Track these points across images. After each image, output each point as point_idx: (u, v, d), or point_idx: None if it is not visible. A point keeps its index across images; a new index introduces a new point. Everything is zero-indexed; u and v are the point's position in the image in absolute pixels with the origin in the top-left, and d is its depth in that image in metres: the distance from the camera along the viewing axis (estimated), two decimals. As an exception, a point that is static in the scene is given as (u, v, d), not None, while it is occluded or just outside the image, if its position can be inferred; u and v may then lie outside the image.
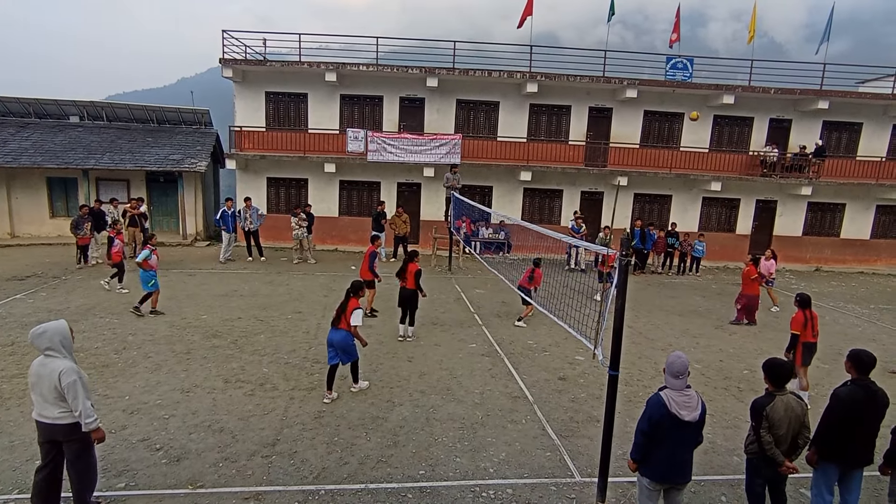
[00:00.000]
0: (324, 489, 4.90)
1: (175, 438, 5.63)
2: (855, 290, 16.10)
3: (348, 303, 6.69)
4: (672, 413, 3.80)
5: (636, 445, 4.02)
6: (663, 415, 3.82)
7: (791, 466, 4.15)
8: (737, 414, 6.89)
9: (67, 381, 3.91)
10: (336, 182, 18.57)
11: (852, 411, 4.24)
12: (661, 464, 3.95)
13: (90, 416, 4.01)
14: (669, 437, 3.87)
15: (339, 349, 6.64)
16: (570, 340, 9.12)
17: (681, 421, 3.81)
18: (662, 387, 4.01)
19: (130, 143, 18.51)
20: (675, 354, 4.02)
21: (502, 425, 6.27)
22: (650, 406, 3.93)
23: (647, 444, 3.93)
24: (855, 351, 4.48)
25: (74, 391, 3.93)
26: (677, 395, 3.88)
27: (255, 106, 18.11)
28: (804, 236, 20.12)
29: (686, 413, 3.82)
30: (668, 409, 3.82)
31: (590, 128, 18.98)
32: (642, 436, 3.94)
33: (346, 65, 17.43)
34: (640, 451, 4.00)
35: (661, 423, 3.83)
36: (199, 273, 13.65)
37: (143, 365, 7.56)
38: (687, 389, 3.92)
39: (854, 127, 19.74)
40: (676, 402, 3.84)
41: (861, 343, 10.32)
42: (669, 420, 3.81)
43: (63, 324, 4.15)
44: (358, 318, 6.65)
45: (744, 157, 19.33)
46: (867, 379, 4.36)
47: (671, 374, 3.92)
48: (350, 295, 6.79)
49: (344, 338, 6.63)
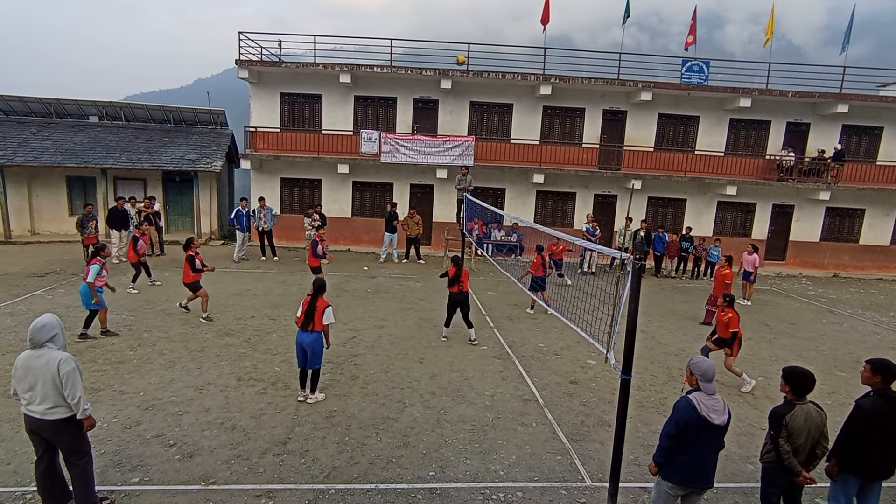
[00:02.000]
0: (334, 488, 4.92)
1: (188, 435, 5.69)
2: (874, 297, 15.81)
3: (317, 303, 6.50)
4: (702, 416, 3.79)
5: (662, 449, 3.98)
6: (693, 417, 3.80)
7: (808, 477, 4.07)
8: (751, 421, 6.80)
9: (67, 370, 4.00)
10: (349, 183, 18.67)
11: (875, 423, 4.14)
12: (684, 467, 3.92)
13: (86, 404, 4.14)
14: (697, 441, 3.85)
15: (310, 353, 6.47)
16: (581, 344, 9.08)
17: (710, 424, 3.80)
18: (690, 391, 4.00)
19: (148, 142, 18.78)
20: (702, 359, 4.06)
21: (513, 428, 6.26)
22: (679, 409, 3.90)
23: (673, 447, 3.91)
24: (882, 361, 4.34)
25: (73, 379, 4.03)
26: (707, 398, 3.87)
27: (269, 107, 18.28)
28: (822, 242, 19.81)
29: (716, 416, 3.82)
30: (698, 412, 3.80)
31: (604, 130, 18.87)
32: (669, 439, 3.91)
33: (361, 66, 17.52)
34: (665, 455, 3.97)
35: (689, 426, 3.82)
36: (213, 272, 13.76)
37: (158, 362, 7.65)
38: (716, 395, 3.94)
39: (874, 131, 19.40)
40: (706, 406, 3.83)
41: (880, 351, 10.16)
42: (699, 423, 3.80)
43: (56, 317, 4.25)
44: (330, 315, 6.52)
45: (760, 160, 19.09)
46: (890, 389, 4.26)
47: (706, 378, 3.92)
48: (318, 295, 6.57)
49: (315, 340, 6.46)
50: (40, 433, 4.13)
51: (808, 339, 10.74)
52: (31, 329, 4.08)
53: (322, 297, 6.58)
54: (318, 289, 6.64)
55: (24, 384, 4.05)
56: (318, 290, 6.61)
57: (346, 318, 10.27)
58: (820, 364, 9.11)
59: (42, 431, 4.11)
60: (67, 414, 4.09)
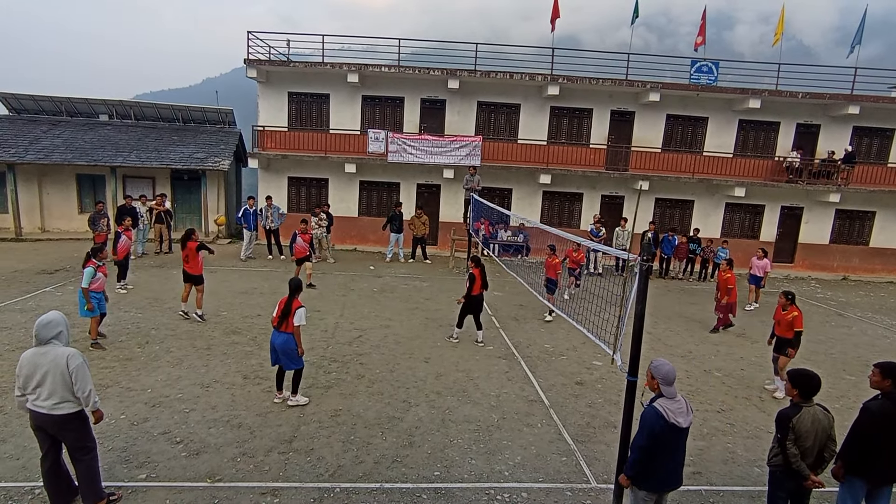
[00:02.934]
0: (339, 487, 4.93)
1: (195, 432, 5.73)
2: (884, 301, 15.65)
3: (292, 304, 6.32)
4: (671, 423, 3.76)
5: (635, 462, 3.91)
6: (662, 426, 3.77)
7: (817, 481, 4.03)
8: (758, 424, 6.76)
9: (76, 364, 4.06)
10: (356, 182, 18.71)
11: (883, 426, 4.11)
12: (659, 474, 3.91)
13: (96, 396, 4.21)
14: (668, 447, 3.84)
15: (280, 353, 6.33)
16: (587, 345, 9.06)
17: (679, 429, 3.80)
18: (654, 398, 3.93)
19: (157, 141, 18.92)
20: (663, 362, 4.00)
21: (518, 429, 6.25)
22: (648, 420, 3.82)
23: (647, 459, 3.85)
24: (892, 364, 4.28)
25: (83, 373, 4.10)
26: (671, 403, 3.84)
27: (277, 106, 18.35)
28: (831, 244, 19.63)
29: (682, 420, 3.81)
30: (666, 420, 3.76)
31: (611, 131, 18.80)
32: (641, 452, 3.85)
33: (368, 66, 17.56)
34: (638, 468, 3.91)
35: (661, 435, 3.78)
36: (220, 270, 13.87)
37: (165, 359, 7.70)
38: (678, 396, 3.93)
39: (886, 133, 19.21)
40: (672, 411, 3.80)
41: (890, 355, 10.04)
42: (669, 430, 3.77)
43: (61, 314, 4.30)
44: (301, 317, 6.31)
45: (769, 162, 18.96)
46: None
47: (666, 382, 3.89)
48: (293, 295, 6.39)
49: (286, 341, 6.29)
50: (46, 429, 4.17)
51: (816, 343, 10.64)
52: (36, 326, 4.12)
53: (297, 297, 6.40)
54: (293, 289, 6.46)
55: (30, 381, 4.08)
56: (293, 291, 6.44)
57: (353, 318, 10.30)
58: (829, 367, 9.04)
59: (48, 427, 4.15)
60: (75, 409, 4.14)
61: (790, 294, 7.89)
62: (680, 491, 5.17)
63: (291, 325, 6.26)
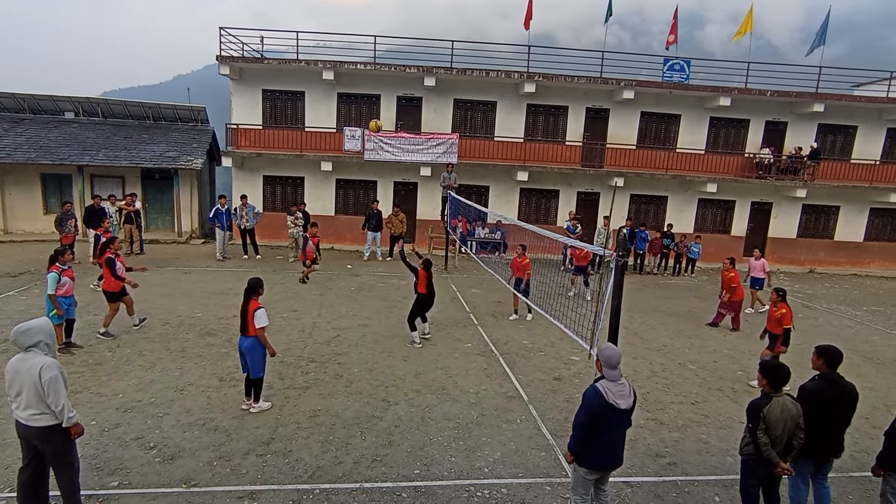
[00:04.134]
0: (318, 488, 4.89)
1: (169, 437, 5.61)
2: (848, 292, 16.19)
3: (249, 305, 6.03)
4: (610, 403, 3.96)
5: (576, 438, 4.13)
6: (601, 405, 3.97)
7: (786, 468, 4.17)
8: (731, 415, 6.92)
9: (48, 377, 3.87)
10: (332, 181, 18.54)
11: (819, 405, 4.33)
12: (598, 453, 4.11)
13: (71, 411, 4.00)
14: (607, 426, 4.03)
15: (247, 358, 6.08)
16: (565, 340, 9.14)
17: (618, 410, 3.97)
18: (597, 379, 4.15)
19: (126, 139, 18.44)
20: (610, 346, 4.20)
21: (497, 425, 6.28)
22: (588, 398, 4.06)
23: (585, 436, 4.06)
24: (825, 346, 4.58)
25: (56, 386, 3.90)
26: (613, 385, 4.04)
27: (251, 103, 18.06)
28: (798, 238, 20.23)
29: (622, 402, 3.99)
30: (605, 399, 3.96)
31: (587, 128, 19.01)
32: (581, 428, 4.07)
33: (344, 63, 17.40)
34: (579, 444, 4.12)
35: (599, 414, 3.98)
36: (194, 271, 13.60)
37: (137, 363, 7.52)
38: (622, 379, 4.11)
39: (849, 130, 19.84)
40: (613, 393, 3.99)
41: (854, 344, 10.42)
42: (608, 410, 3.96)
43: (47, 322, 4.15)
44: (262, 318, 6.01)
45: (739, 158, 19.41)
46: (835, 373, 4.46)
47: (609, 365, 4.09)
48: (250, 296, 6.08)
49: (251, 345, 6.04)
50: (29, 439, 4.04)
51: (785, 334, 10.93)
52: (13, 332, 3.98)
53: (254, 298, 6.07)
54: (248, 289, 6.12)
55: (12, 389, 3.95)
56: (247, 291, 6.12)
57: (330, 317, 10.22)
58: (797, 358, 9.25)
59: (30, 437, 4.02)
60: (52, 421, 3.97)
61: (781, 291, 8.12)
62: (656, 482, 5.29)
63: (252, 328, 6.01)
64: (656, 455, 5.82)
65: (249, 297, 6.10)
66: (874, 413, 7.00)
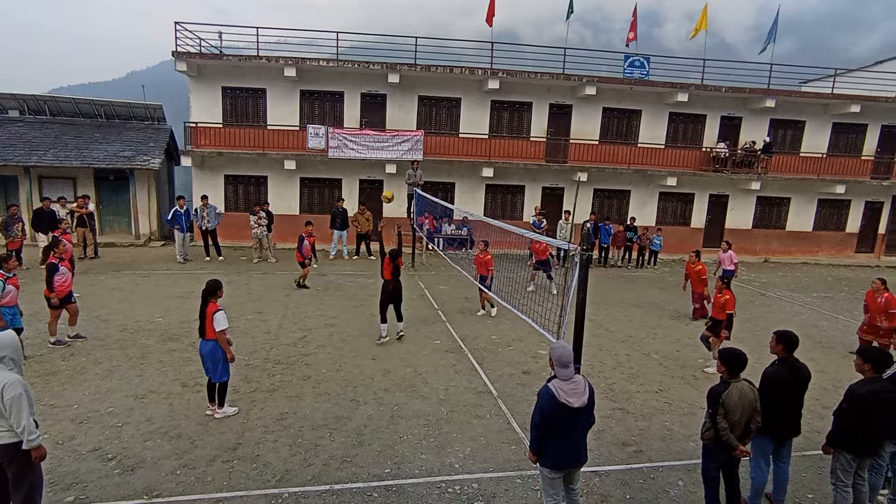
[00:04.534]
0: (287, 492, 4.82)
1: (129, 447, 5.42)
2: (799, 280, 16.92)
3: (207, 308, 5.88)
4: (562, 402, 3.88)
5: (533, 439, 4.09)
6: (554, 405, 3.90)
7: (744, 450, 4.34)
8: (692, 401, 7.13)
9: (11, 395, 3.65)
10: (296, 179, 18.23)
11: (780, 388, 4.56)
12: (557, 452, 4.03)
13: (33, 433, 3.76)
14: (563, 425, 3.96)
15: (209, 362, 5.97)
16: (533, 335, 9.25)
17: (571, 409, 3.90)
18: (550, 378, 4.07)
19: (77, 139, 17.67)
20: (561, 345, 4.09)
21: (467, 421, 6.31)
22: (540, 398, 4.00)
23: (542, 435, 4.01)
24: (783, 332, 4.78)
25: (19, 406, 3.68)
26: (564, 384, 3.95)
27: (211, 101, 17.57)
28: (754, 229, 21.02)
29: (574, 400, 3.91)
30: (557, 399, 3.89)
31: (550, 124, 19.24)
32: (537, 429, 4.02)
33: (306, 60, 17.11)
34: (537, 443, 4.08)
35: (553, 413, 3.92)
36: (153, 274, 13.18)
37: (94, 371, 7.24)
38: (575, 377, 4.01)
39: (798, 125, 20.69)
40: (565, 391, 3.91)
41: (804, 329, 10.88)
42: (561, 409, 3.89)
43: (11, 335, 3.91)
44: (221, 321, 5.82)
45: (697, 153, 20.01)
46: (792, 357, 4.69)
47: (560, 364, 3.99)
48: (208, 299, 5.91)
49: (212, 349, 5.90)
50: None
51: (742, 322, 11.34)
52: None
53: (213, 300, 5.89)
54: (206, 291, 5.95)
55: None
56: (205, 293, 5.95)
57: (296, 318, 10.06)
58: (754, 344, 9.63)
59: None
60: (14, 439, 3.75)
61: (726, 278, 8.43)
62: (623, 469, 5.42)
63: (211, 332, 5.85)
64: (623, 444, 5.95)
65: (207, 299, 5.94)
66: (824, 394, 7.34)
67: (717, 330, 8.22)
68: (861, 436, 4.36)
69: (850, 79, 21.13)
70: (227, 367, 6.09)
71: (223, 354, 5.97)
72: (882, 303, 8.67)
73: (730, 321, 8.19)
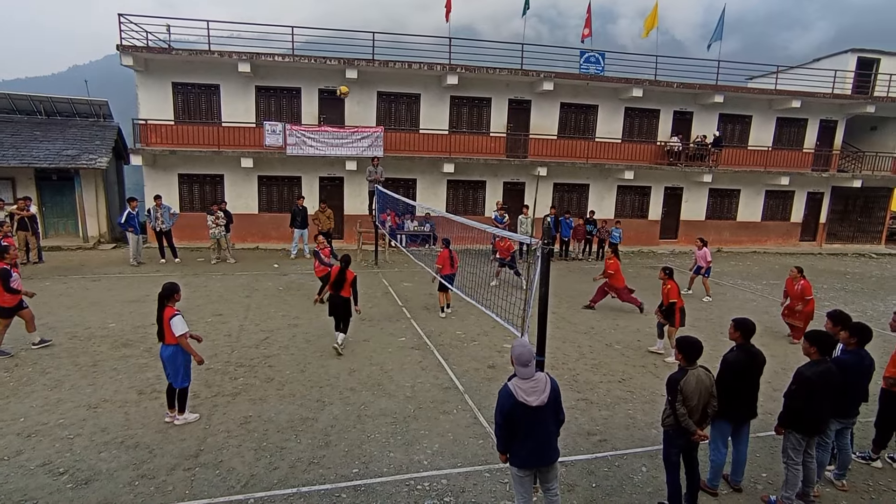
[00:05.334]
0: (253, 497, 4.71)
1: (82, 459, 5.18)
2: (750, 269, 17.68)
3: (164, 312, 5.71)
4: (519, 401, 3.83)
5: (497, 438, 4.08)
6: (513, 404, 3.85)
7: (702, 434, 4.50)
8: (654, 389, 7.35)
9: None
10: (254, 177, 17.79)
11: (739, 373, 4.78)
12: (522, 451, 3.97)
13: None
14: (525, 424, 3.89)
15: (168, 368, 5.80)
16: (497, 329, 9.33)
17: (528, 407, 3.84)
18: (511, 376, 4.02)
19: (13, 136, 16.68)
20: (521, 344, 4.05)
21: (434, 417, 6.31)
22: (500, 398, 3.96)
23: (506, 435, 3.98)
24: (741, 319, 5.00)
25: None
26: (523, 382, 3.89)
27: (161, 97, 16.91)
28: (707, 220, 21.84)
29: (533, 398, 3.85)
30: (515, 398, 3.84)
31: (510, 119, 19.41)
32: (499, 428, 3.98)
33: (261, 55, 16.67)
34: (501, 443, 4.06)
35: (512, 412, 3.86)
36: (104, 278, 12.61)
37: (41, 382, 6.88)
38: (536, 375, 3.94)
39: (745, 119, 21.59)
40: (523, 390, 3.86)
41: (755, 315, 11.34)
42: (520, 408, 3.84)
43: None
44: (179, 325, 5.66)
45: (653, 146, 20.60)
46: (749, 343, 4.91)
47: (519, 364, 3.93)
48: (164, 302, 5.75)
49: (172, 354, 5.73)
50: None
51: (698, 310, 11.79)
52: None
53: (169, 304, 5.75)
54: (162, 295, 5.77)
55: None
56: (161, 297, 5.77)
57: (258, 319, 9.83)
58: (709, 332, 10.05)
59: None
60: None
61: (668, 269, 8.72)
62: (588, 459, 5.53)
63: (170, 336, 5.68)
64: (588, 433, 6.08)
65: (164, 303, 5.75)
66: (775, 377, 7.69)
67: (670, 317, 8.48)
68: (809, 416, 4.59)
69: (791, 75, 22.16)
70: (189, 373, 5.91)
71: (184, 359, 5.79)
72: (798, 289, 9.56)
73: (671, 309, 8.42)
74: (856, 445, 5.61)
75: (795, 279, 9.63)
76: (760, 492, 5.12)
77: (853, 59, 22.39)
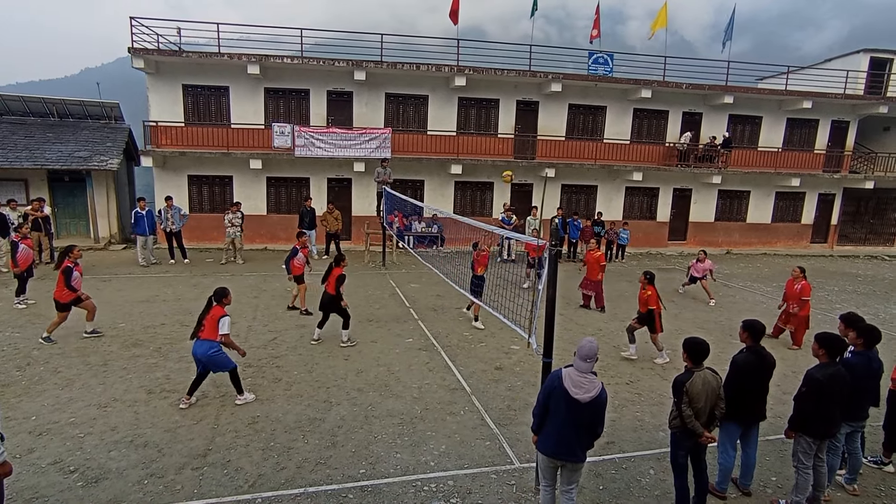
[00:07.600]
0: (260, 497, 4.73)
1: (92, 458, 5.23)
2: (760, 271, 17.52)
3: (210, 310, 6.30)
4: (564, 388, 3.94)
5: (533, 416, 4.24)
6: (555, 387, 4.00)
7: (710, 437, 4.46)
8: (661, 392, 7.31)
9: None
10: (263, 179, 17.90)
11: (747, 374, 4.74)
12: (551, 437, 4.08)
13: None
14: (560, 412, 3.99)
15: (204, 363, 6.27)
16: (504, 330, 9.32)
17: (572, 398, 3.91)
18: (568, 364, 4.13)
19: (27, 139, 16.90)
20: (588, 340, 4.11)
21: (441, 418, 6.31)
22: (549, 377, 4.17)
23: (542, 413, 4.13)
24: (750, 322, 4.96)
25: None
26: (577, 374, 3.97)
27: (171, 99, 17.06)
28: (716, 222, 21.68)
29: (577, 391, 3.90)
30: (561, 382, 3.97)
31: (518, 121, 19.39)
32: (538, 405, 4.17)
33: (270, 57, 16.78)
34: (536, 421, 4.21)
35: (552, 394, 4.01)
36: (115, 278, 12.73)
37: (52, 381, 6.95)
38: (590, 374, 4.00)
39: (755, 120, 21.42)
40: (572, 380, 3.95)
41: (765, 318, 11.24)
42: (563, 395, 3.94)
43: None
44: (225, 326, 6.24)
45: (661, 148, 20.49)
46: (759, 345, 4.88)
47: (580, 357, 4.03)
48: (212, 302, 6.37)
49: (206, 350, 6.20)
50: None
51: (707, 312, 11.71)
52: None
53: (218, 305, 6.36)
54: (214, 296, 6.44)
55: None
56: (212, 297, 6.44)
57: (266, 320, 9.89)
58: (718, 334, 9.97)
59: None
60: None
61: (649, 274, 8.54)
62: (596, 461, 5.51)
63: (209, 333, 6.20)
64: (594, 435, 6.05)
65: (214, 302, 6.34)
66: (784, 380, 7.62)
67: (649, 323, 8.36)
68: (819, 419, 4.54)
69: (802, 76, 21.97)
70: (227, 357, 6.38)
71: (219, 348, 6.27)
72: (798, 290, 9.44)
73: (650, 316, 8.31)
74: (867, 450, 5.55)
75: (797, 279, 9.51)
76: (770, 496, 5.07)
77: (866, 59, 22.14)
